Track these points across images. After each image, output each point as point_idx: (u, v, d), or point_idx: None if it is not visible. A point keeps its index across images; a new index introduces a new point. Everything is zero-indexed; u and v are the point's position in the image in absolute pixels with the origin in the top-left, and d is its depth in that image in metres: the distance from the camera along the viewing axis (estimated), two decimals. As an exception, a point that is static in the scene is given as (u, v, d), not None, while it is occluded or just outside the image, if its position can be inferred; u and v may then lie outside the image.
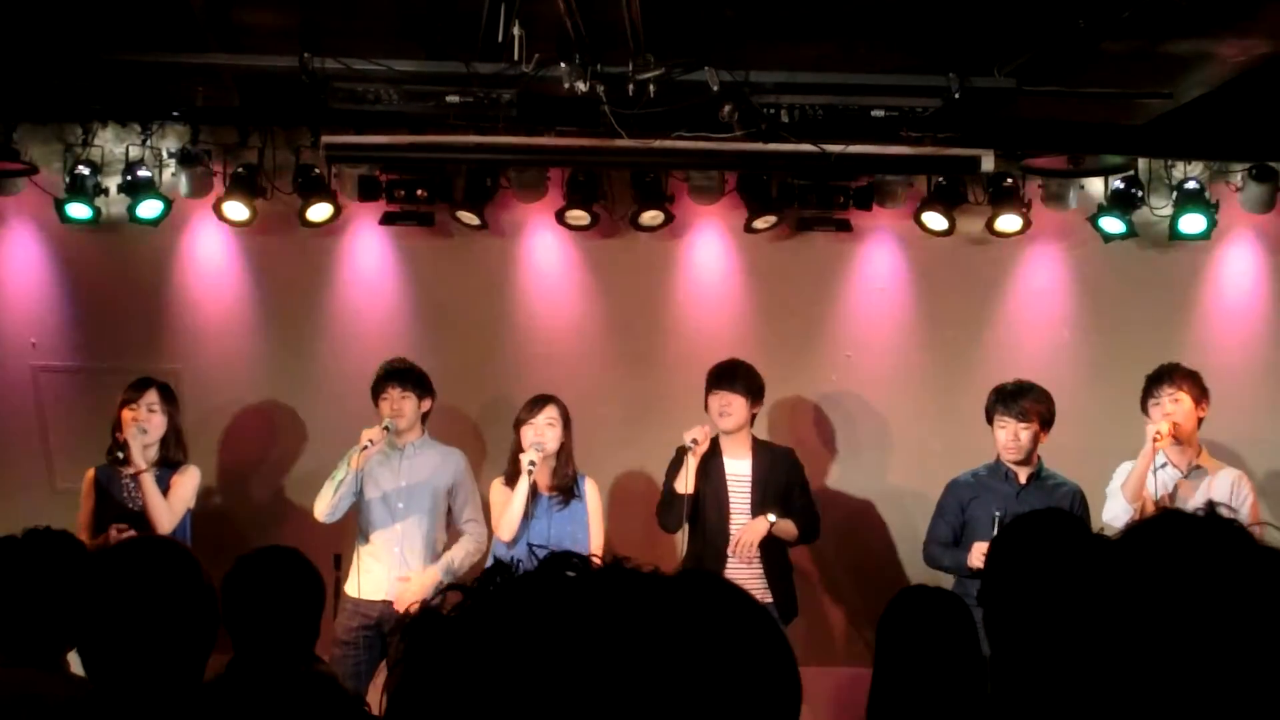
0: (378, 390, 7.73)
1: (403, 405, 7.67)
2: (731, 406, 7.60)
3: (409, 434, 7.75)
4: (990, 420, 7.56)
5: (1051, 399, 7.53)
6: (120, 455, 7.53)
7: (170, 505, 7.50)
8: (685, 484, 7.49)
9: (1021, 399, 7.47)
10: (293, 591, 4.41)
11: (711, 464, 7.60)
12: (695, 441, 7.48)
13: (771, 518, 7.51)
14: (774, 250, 8.91)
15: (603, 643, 1.28)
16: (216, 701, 2.34)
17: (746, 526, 7.51)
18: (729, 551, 7.52)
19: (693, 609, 1.33)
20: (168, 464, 7.63)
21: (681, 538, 7.70)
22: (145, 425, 7.53)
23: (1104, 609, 1.74)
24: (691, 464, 7.48)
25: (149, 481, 7.46)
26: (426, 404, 7.81)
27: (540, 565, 1.35)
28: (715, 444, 7.63)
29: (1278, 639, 1.66)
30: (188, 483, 7.65)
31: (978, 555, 7.15)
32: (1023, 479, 7.46)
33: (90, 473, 7.66)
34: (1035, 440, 7.46)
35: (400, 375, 7.72)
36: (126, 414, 7.56)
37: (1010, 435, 7.43)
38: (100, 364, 8.75)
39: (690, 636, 1.30)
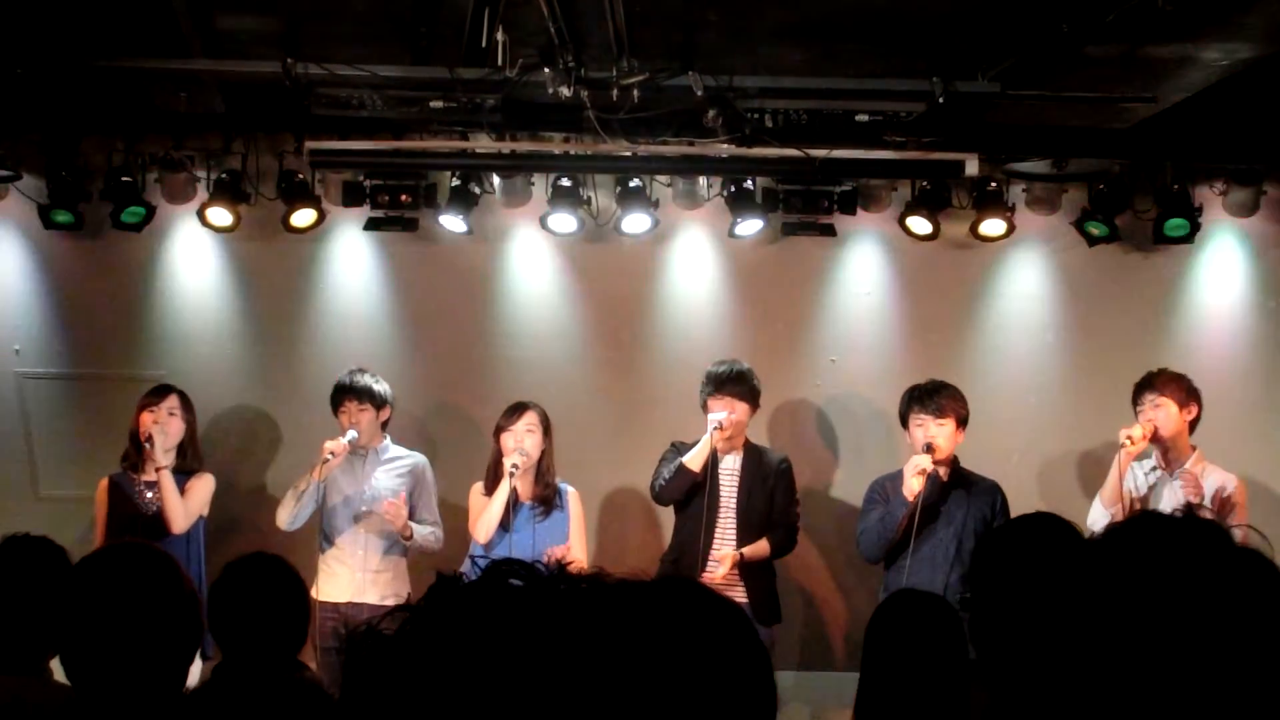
0: (335, 402, 7.84)
1: (360, 417, 7.77)
2: (736, 412, 7.61)
3: (370, 441, 7.84)
4: (905, 421, 7.57)
5: (965, 399, 7.55)
6: (146, 444, 7.56)
7: (186, 506, 7.57)
8: (697, 461, 7.52)
9: (937, 396, 7.48)
10: (277, 598, 4.41)
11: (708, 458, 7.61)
12: (720, 425, 7.49)
13: (736, 552, 7.52)
14: (758, 255, 8.91)
15: (548, 652, 1.27)
16: (202, 707, 2.34)
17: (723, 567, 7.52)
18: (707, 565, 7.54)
19: (642, 613, 1.33)
20: (183, 471, 7.68)
21: (668, 526, 7.76)
22: (166, 428, 7.60)
23: (1086, 612, 1.75)
24: (708, 442, 7.50)
25: (168, 479, 7.52)
26: (385, 413, 7.92)
27: (483, 575, 1.34)
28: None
29: (1257, 637, 1.66)
30: (203, 489, 7.74)
31: (912, 470, 7.21)
32: (943, 477, 7.47)
33: (104, 481, 7.72)
34: (952, 439, 7.48)
35: (357, 389, 7.82)
36: (146, 417, 7.62)
37: (926, 434, 7.45)
38: (84, 371, 8.75)
39: (640, 641, 1.30)
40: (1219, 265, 8.98)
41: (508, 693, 1.25)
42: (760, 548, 7.59)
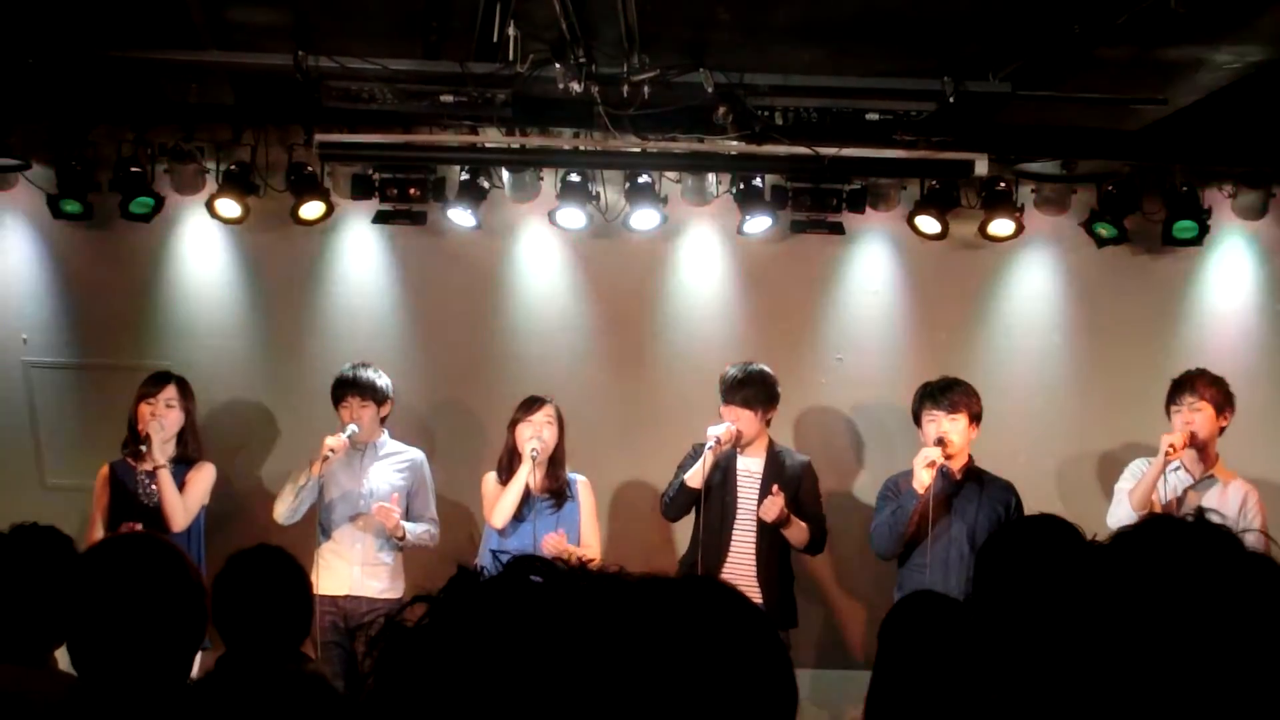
0: (337, 397, 7.84)
1: (362, 414, 7.79)
2: (741, 421, 7.58)
3: (369, 436, 7.87)
4: (918, 419, 7.58)
5: (979, 396, 7.55)
6: (141, 449, 7.60)
7: (185, 503, 7.60)
8: (698, 478, 7.49)
9: (950, 393, 7.49)
10: (281, 590, 4.41)
11: (726, 460, 7.60)
12: (718, 440, 7.47)
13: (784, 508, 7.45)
14: (767, 253, 8.90)
15: (569, 648, 1.27)
16: (207, 699, 2.34)
17: (769, 501, 7.46)
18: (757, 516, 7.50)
19: (662, 610, 1.33)
20: (183, 460, 7.72)
21: (684, 528, 7.74)
22: (163, 421, 7.61)
23: (1094, 615, 1.74)
24: (708, 460, 7.47)
25: (166, 478, 7.55)
26: (386, 409, 7.93)
27: (503, 571, 1.35)
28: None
29: (1265, 642, 1.66)
30: (203, 479, 7.76)
31: (921, 462, 7.21)
32: (956, 474, 7.46)
33: (105, 468, 7.74)
34: (965, 434, 7.47)
35: (360, 385, 7.83)
36: (144, 408, 7.64)
37: (939, 429, 7.44)
38: (91, 360, 8.75)
39: (659, 638, 1.30)
40: (1227, 268, 8.97)
41: (531, 688, 1.26)
42: (801, 528, 7.54)
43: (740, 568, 7.51)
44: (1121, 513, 7.41)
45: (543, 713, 1.26)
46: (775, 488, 7.48)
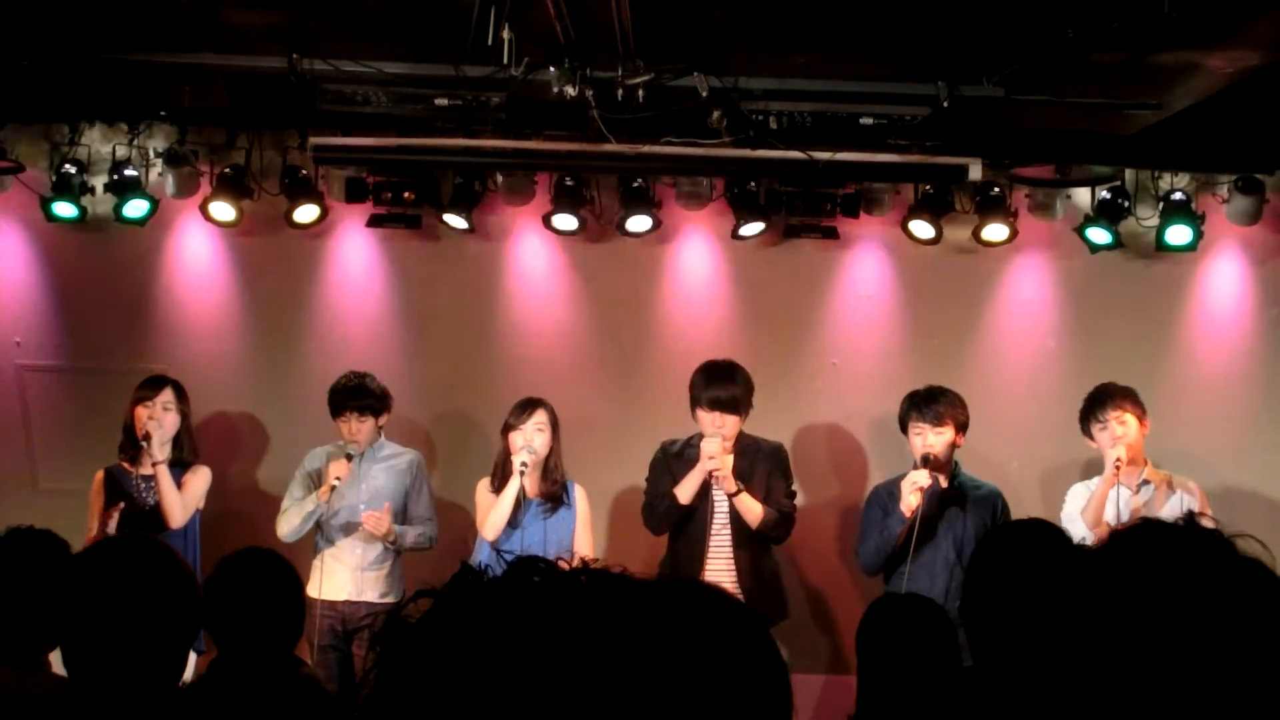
0: (335, 408, 7.83)
1: (361, 428, 7.79)
2: (727, 426, 7.53)
3: (368, 441, 7.86)
4: (905, 428, 7.55)
5: (964, 404, 7.53)
6: (143, 444, 7.60)
7: (183, 500, 7.61)
8: (688, 494, 7.47)
9: (935, 403, 7.46)
10: (273, 593, 4.41)
11: (697, 457, 7.56)
12: (714, 458, 7.40)
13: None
14: (761, 257, 8.91)
15: (572, 647, 1.28)
16: (199, 702, 2.33)
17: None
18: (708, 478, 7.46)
19: (662, 612, 1.33)
20: (179, 464, 7.73)
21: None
22: (161, 422, 7.63)
23: (1086, 619, 1.74)
24: (695, 478, 7.45)
25: (165, 474, 7.57)
26: (384, 418, 7.92)
27: (507, 570, 1.36)
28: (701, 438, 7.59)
29: (1258, 647, 1.66)
30: (199, 482, 7.78)
31: (910, 488, 7.19)
32: (943, 483, 7.45)
33: (100, 474, 7.76)
34: (951, 445, 7.46)
35: (359, 400, 7.81)
36: (141, 411, 7.66)
37: (925, 443, 7.43)
38: (85, 364, 8.74)
39: (659, 640, 1.30)
40: (1221, 273, 8.97)
41: (530, 687, 1.26)
42: (753, 507, 7.44)
43: (719, 564, 7.47)
44: (1077, 533, 7.34)
45: (541, 711, 1.26)
46: (708, 457, 7.42)
